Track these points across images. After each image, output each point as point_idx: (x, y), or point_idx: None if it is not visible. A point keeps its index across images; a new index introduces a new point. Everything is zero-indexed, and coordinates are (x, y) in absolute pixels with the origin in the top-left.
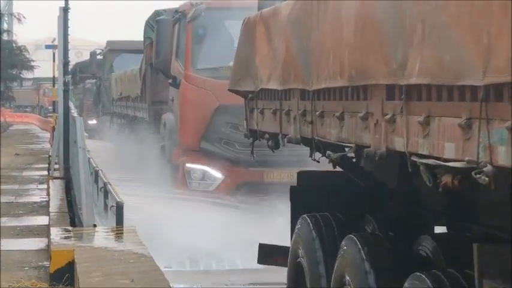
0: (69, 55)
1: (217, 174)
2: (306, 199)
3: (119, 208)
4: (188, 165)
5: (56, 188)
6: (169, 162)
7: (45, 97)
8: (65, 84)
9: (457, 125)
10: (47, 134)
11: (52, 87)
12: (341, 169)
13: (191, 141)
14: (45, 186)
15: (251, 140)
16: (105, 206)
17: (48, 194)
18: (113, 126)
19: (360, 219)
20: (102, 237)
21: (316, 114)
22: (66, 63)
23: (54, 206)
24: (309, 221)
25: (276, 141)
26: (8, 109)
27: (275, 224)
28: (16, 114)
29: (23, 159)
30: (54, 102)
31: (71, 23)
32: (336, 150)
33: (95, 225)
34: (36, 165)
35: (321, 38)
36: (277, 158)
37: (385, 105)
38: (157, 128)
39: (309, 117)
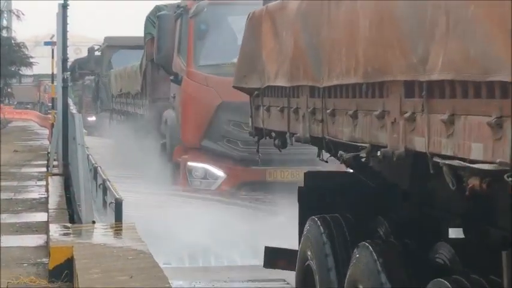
0: (68, 52)
1: (219, 172)
2: (314, 200)
3: (118, 205)
4: (190, 163)
5: (55, 185)
6: (170, 160)
7: (46, 94)
8: (63, 80)
9: (486, 123)
10: (46, 131)
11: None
12: (348, 169)
13: (193, 139)
14: (44, 183)
15: (256, 139)
16: (104, 202)
17: (47, 191)
18: (112, 123)
19: (372, 221)
20: (101, 233)
21: (327, 112)
22: (65, 60)
23: (53, 203)
24: (318, 222)
25: (283, 140)
26: (10, 106)
27: (275, 221)
28: (15, 110)
29: (22, 156)
30: (53, 99)
31: (69, 20)
32: (348, 150)
33: (93, 222)
34: (35, 162)
35: (332, 32)
36: (280, 157)
37: (404, 102)
38: (158, 125)
39: (319, 116)
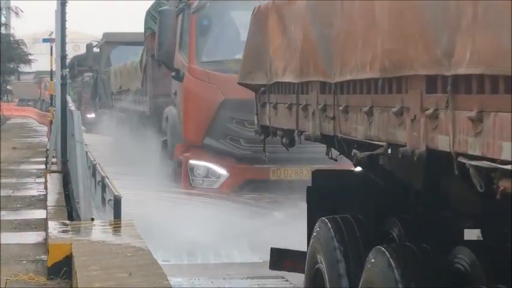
0: (67, 49)
1: (222, 171)
2: (323, 200)
3: (117, 202)
4: (192, 161)
5: (54, 182)
6: (171, 158)
7: (46, 91)
8: (62, 78)
9: None
10: (45, 128)
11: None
12: (356, 168)
13: (195, 136)
14: (42, 180)
15: (262, 137)
16: (103, 199)
17: (45, 188)
18: (112, 120)
19: (384, 222)
20: (100, 231)
21: (339, 109)
22: (63, 57)
23: (51, 200)
24: (328, 224)
25: (291, 138)
26: (12, 103)
27: (275, 219)
28: (14, 107)
29: (21, 153)
30: (51, 96)
31: (68, 17)
32: (362, 149)
33: (92, 219)
34: (33, 159)
35: (346, 24)
36: (284, 155)
37: (425, 98)
38: (158, 122)
39: (330, 113)
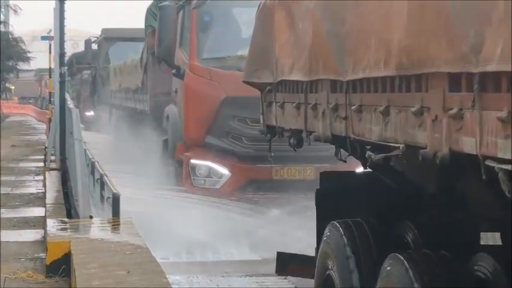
0: (66, 46)
1: (224, 170)
2: (332, 203)
3: (115, 200)
4: (193, 161)
5: (52, 180)
6: (172, 157)
7: (47, 88)
8: (61, 75)
9: None
10: (43, 126)
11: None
12: (363, 169)
13: (196, 135)
14: (41, 178)
15: (267, 137)
16: (102, 197)
17: (44, 186)
18: (111, 119)
19: (397, 227)
20: (99, 228)
21: (351, 108)
22: (62, 55)
23: (50, 198)
24: (339, 227)
25: (299, 138)
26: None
27: (274, 217)
28: (13, 105)
29: (20, 151)
30: (50, 94)
31: (67, 14)
32: (377, 150)
33: (91, 217)
34: (32, 157)
35: (359, 20)
36: (287, 154)
37: (448, 97)
38: (159, 121)
39: (342, 112)
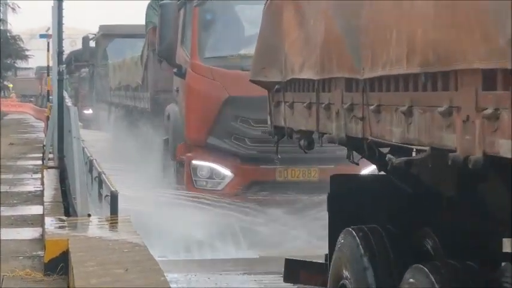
0: (64, 44)
1: (226, 172)
2: (346, 208)
3: (114, 198)
4: (194, 162)
5: (50, 178)
6: (173, 158)
7: (46, 86)
8: (59, 73)
9: None
10: (42, 124)
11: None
12: (379, 172)
13: (197, 136)
14: (39, 176)
15: (275, 138)
16: (100, 195)
17: (42, 184)
18: (110, 117)
19: (416, 234)
20: (97, 226)
21: (369, 108)
22: (60, 53)
23: (48, 196)
24: (355, 235)
25: (310, 140)
26: (9, 98)
27: (273, 215)
28: (11, 103)
29: (18, 149)
30: (48, 92)
31: (65, 12)
32: (397, 153)
33: (89, 215)
34: (30, 155)
35: (377, 13)
36: (291, 155)
37: (482, 96)
38: (159, 120)
39: (358, 113)
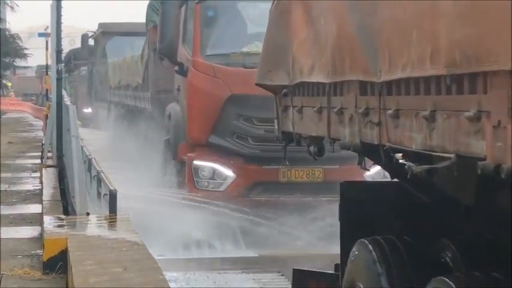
0: (63, 43)
1: (229, 172)
2: (359, 217)
3: (112, 196)
4: (196, 162)
5: (49, 176)
6: (174, 158)
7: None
8: (58, 72)
9: None
10: (40, 122)
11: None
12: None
13: (199, 135)
14: (38, 175)
15: (283, 144)
16: (99, 194)
17: (41, 182)
18: (110, 116)
19: (433, 245)
20: (95, 225)
21: (387, 113)
22: (59, 52)
23: (47, 194)
24: (369, 247)
25: (320, 146)
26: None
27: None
28: (9, 102)
29: (16, 148)
30: (47, 90)
31: (64, 11)
32: (419, 161)
33: (88, 214)
34: (29, 154)
35: (395, 10)
36: (295, 155)
37: None
38: (160, 120)
39: (374, 118)
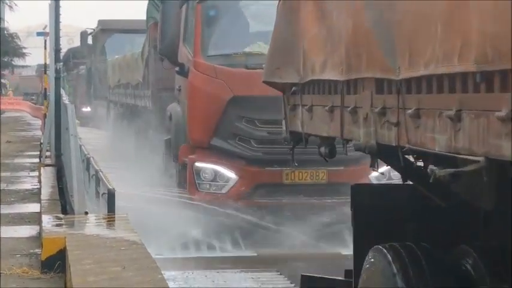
0: (61, 42)
1: (231, 174)
2: (373, 222)
3: (111, 196)
4: (197, 164)
5: (48, 176)
6: (175, 159)
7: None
8: (56, 71)
9: None
10: (39, 121)
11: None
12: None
13: (201, 137)
14: (36, 174)
15: (291, 145)
16: (97, 193)
17: (39, 182)
18: (109, 115)
19: (453, 251)
20: (94, 224)
21: (406, 113)
22: (57, 51)
23: (45, 194)
24: (386, 253)
25: (332, 147)
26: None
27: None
28: (8, 101)
29: (15, 147)
30: (46, 89)
31: (62, 10)
32: (440, 164)
33: (86, 213)
34: (27, 153)
35: (415, 4)
36: (299, 157)
37: None
38: (161, 119)
39: (392, 117)
